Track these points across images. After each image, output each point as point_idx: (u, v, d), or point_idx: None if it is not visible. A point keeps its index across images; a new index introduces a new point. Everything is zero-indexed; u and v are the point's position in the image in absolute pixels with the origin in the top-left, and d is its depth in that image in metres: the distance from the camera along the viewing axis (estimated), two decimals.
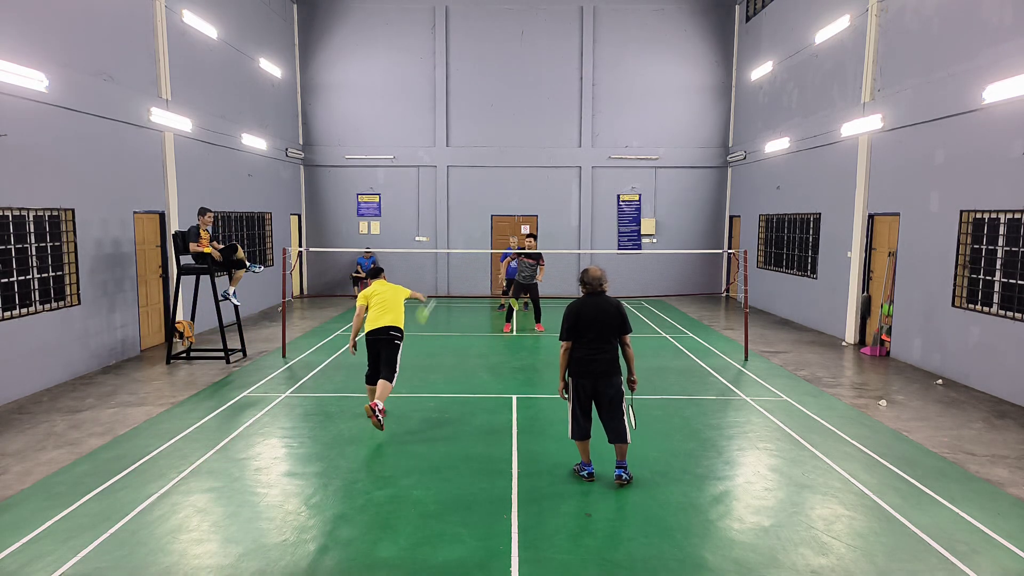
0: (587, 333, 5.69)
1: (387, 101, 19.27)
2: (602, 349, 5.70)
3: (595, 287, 5.81)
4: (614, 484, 5.81)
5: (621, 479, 5.80)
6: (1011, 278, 8.66)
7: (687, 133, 19.48)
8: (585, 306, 5.76)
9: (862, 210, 12.15)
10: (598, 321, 5.69)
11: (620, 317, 5.75)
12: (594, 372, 5.68)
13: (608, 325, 5.70)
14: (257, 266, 11.09)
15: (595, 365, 5.67)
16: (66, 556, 4.59)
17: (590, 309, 5.74)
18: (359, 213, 19.69)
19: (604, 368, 5.68)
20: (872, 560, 4.60)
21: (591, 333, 5.69)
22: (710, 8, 19.10)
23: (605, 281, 5.84)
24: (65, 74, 9.28)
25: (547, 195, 19.59)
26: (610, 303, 5.78)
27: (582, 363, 5.70)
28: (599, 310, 5.73)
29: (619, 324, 5.74)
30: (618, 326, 5.73)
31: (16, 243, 8.50)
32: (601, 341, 5.70)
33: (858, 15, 12.24)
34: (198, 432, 7.19)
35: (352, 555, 4.65)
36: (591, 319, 5.70)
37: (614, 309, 5.75)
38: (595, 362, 5.67)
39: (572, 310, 5.78)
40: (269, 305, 16.86)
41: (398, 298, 7.65)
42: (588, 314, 5.72)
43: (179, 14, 12.38)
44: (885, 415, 7.95)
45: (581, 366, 5.71)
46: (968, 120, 9.36)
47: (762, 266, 17.14)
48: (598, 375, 5.68)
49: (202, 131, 13.22)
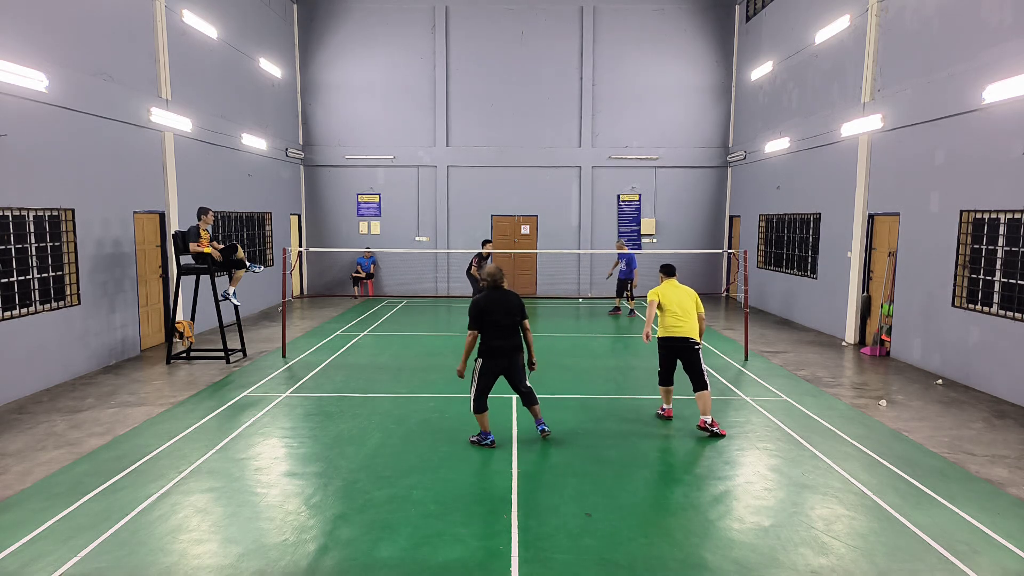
0: (497, 323, 6.60)
1: (387, 101, 19.28)
2: (509, 335, 6.67)
3: (495, 282, 6.75)
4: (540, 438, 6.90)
5: (545, 432, 6.91)
6: (1011, 278, 8.65)
7: (687, 133, 19.48)
8: (491, 300, 6.65)
9: (862, 210, 12.15)
10: (504, 312, 6.64)
11: (519, 307, 6.73)
12: (507, 354, 6.67)
13: (512, 314, 6.67)
14: (257, 266, 11.09)
15: (508, 349, 6.67)
16: (66, 556, 4.59)
17: (497, 303, 6.65)
18: (359, 213, 19.69)
19: (513, 351, 6.69)
20: (872, 560, 4.60)
21: (500, 323, 6.61)
22: (710, 8, 19.10)
23: (501, 277, 6.82)
24: (65, 74, 9.28)
25: (547, 195, 19.59)
26: (510, 296, 6.76)
27: (495, 348, 6.64)
28: (503, 303, 6.66)
29: (519, 313, 6.72)
30: (518, 315, 6.72)
31: (16, 243, 8.50)
32: (510, 328, 6.67)
33: (858, 15, 12.24)
34: (198, 432, 7.19)
35: (352, 555, 4.65)
36: (499, 311, 6.63)
37: (515, 301, 6.73)
38: (508, 346, 6.66)
39: (477, 304, 6.66)
40: (269, 305, 16.86)
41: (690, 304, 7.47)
42: (495, 307, 6.64)
43: (179, 14, 12.38)
44: (885, 415, 7.95)
45: (495, 350, 6.64)
46: (968, 120, 9.36)
47: (762, 266, 17.14)
48: (510, 356, 6.69)
49: (202, 131, 13.22)
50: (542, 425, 6.94)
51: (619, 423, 7.57)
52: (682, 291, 7.53)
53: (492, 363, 6.66)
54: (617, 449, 6.75)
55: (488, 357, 6.66)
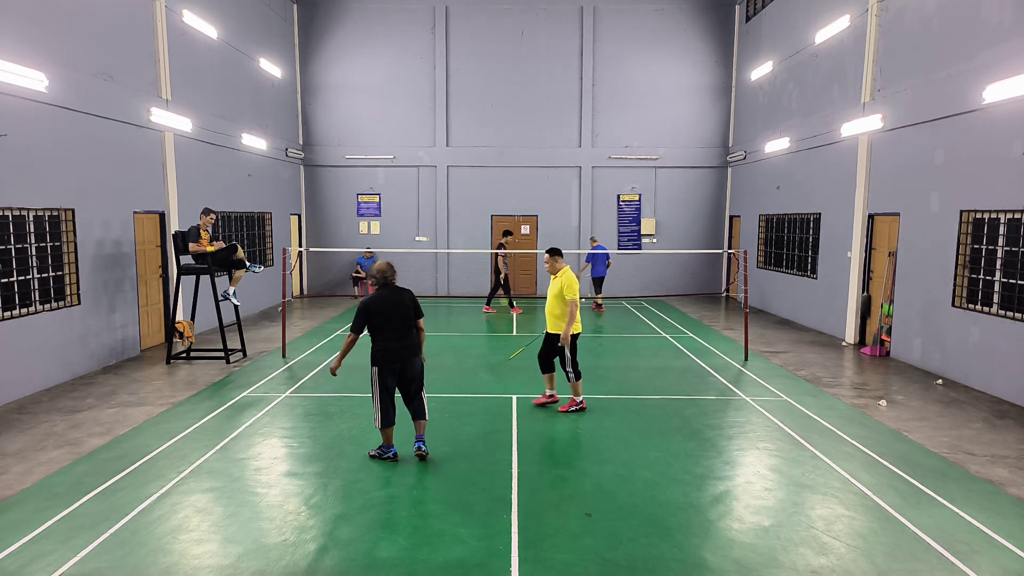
0: (388, 323, 6.08)
1: (387, 101, 19.27)
2: (404, 335, 6.16)
3: (384, 280, 6.18)
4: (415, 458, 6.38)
5: (421, 451, 6.36)
6: (1011, 278, 8.65)
7: (687, 133, 19.48)
8: (380, 300, 6.10)
9: (862, 210, 12.15)
10: (396, 311, 6.10)
11: (413, 304, 6.24)
12: (402, 356, 6.14)
13: (404, 313, 6.14)
14: (257, 266, 11.09)
15: (402, 351, 6.14)
16: (66, 556, 4.59)
17: (386, 302, 6.10)
18: (359, 213, 19.69)
19: (408, 352, 6.16)
20: (872, 560, 4.60)
21: (392, 323, 6.09)
22: (710, 8, 19.10)
23: (392, 274, 6.23)
24: (65, 74, 9.28)
25: (547, 195, 19.59)
26: (403, 293, 6.22)
27: (389, 351, 6.10)
28: (394, 301, 6.12)
29: (413, 311, 6.22)
30: (412, 313, 6.22)
31: (16, 243, 8.50)
32: (403, 328, 6.14)
33: (858, 15, 12.24)
34: (198, 432, 7.19)
35: (352, 555, 4.65)
36: (389, 310, 6.08)
37: (407, 298, 6.21)
38: (402, 348, 6.14)
39: (364, 306, 6.09)
40: (269, 305, 16.86)
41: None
42: (385, 306, 6.09)
43: (179, 14, 12.38)
44: (885, 415, 7.95)
45: (388, 353, 6.10)
46: (968, 120, 9.36)
47: (762, 266, 17.14)
48: (405, 358, 6.15)
49: (202, 131, 13.22)
50: (420, 443, 6.40)
51: (619, 423, 7.56)
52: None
53: (391, 367, 6.13)
54: (617, 449, 6.75)
55: (384, 362, 6.12)
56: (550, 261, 7.90)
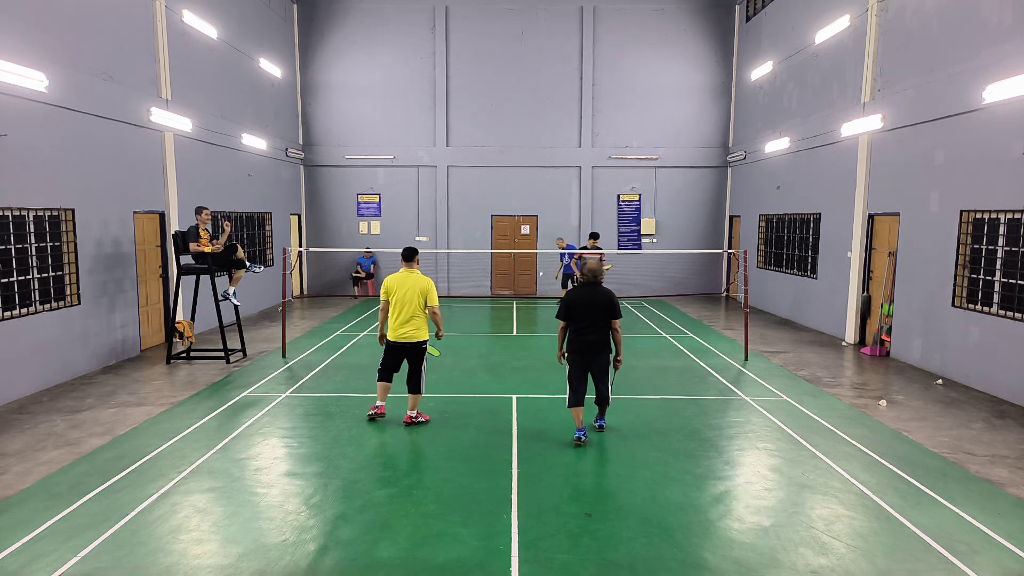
0: (582, 317, 6.60)
1: (387, 101, 19.27)
2: (593, 331, 6.61)
3: (591, 278, 6.71)
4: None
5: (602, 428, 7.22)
6: (1011, 278, 8.65)
7: (687, 133, 19.48)
8: (580, 294, 6.66)
9: (862, 210, 12.15)
10: (591, 307, 6.60)
11: (610, 305, 6.65)
12: (585, 350, 6.64)
13: (598, 311, 6.61)
14: (257, 266, 11.09)
15: (587, 344, 6.63)
16: (66, 556, 4.59)
17: (585, 296, 6.64)
18: (359, 213, 19.69)
19: (593, 347, 6.64)
20: (872, 560, 4.60)
21: (586, 318, 6.60)
22: (710, 8, 19.10)
23: (600, 273, 6.76)
24: (65, 74, 9.27)
25: (547, 195, 19.59)
26: (602, 292, 6.68)
27: (577, 342, 6.67)
28: (592, 297, 6.63)
29: (608, 311, 6.65)
30: (607, 312, 6.65)
31: (16, 243, 8.50)
32: (593, 324, 6.61)
33: (858, 15, 12.24)
34: (198, 432, 7.19)
35: (352, 555, 4.64)
36: (585, 305, 6.61)
37: (605, 298, 6.65)
38: (587, 341, 6.63)
39: (568, 297, 6.75)
40: (269, 305, 16.86)
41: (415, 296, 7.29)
42: (583, 300, 6.62)
43: (179, 14, 12.38)
44: (885, 415, 7.95)
45: (576, 344, 6.67)
46: (968, 120, 9.36)
47: (762, 266, 17.14)
48: (588, 352, 6.65)
49: (202, 131, 13.22)
50: (602, 421, 7.25)
51: (619, 423, 7.56)
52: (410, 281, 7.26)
53: (577, 356, 6.72)
54: (617, 449, 6.75)
55: (572, 352, 6.72)
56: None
